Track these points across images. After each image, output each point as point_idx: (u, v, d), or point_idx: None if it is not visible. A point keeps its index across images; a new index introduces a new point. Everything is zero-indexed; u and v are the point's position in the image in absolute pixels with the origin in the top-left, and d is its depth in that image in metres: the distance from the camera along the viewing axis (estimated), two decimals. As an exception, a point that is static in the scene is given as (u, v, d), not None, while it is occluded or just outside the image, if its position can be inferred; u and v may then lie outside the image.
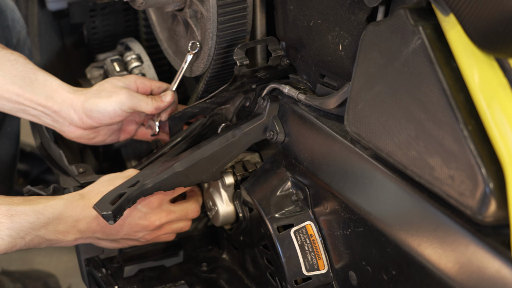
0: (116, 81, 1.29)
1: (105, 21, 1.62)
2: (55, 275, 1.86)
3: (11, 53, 1.25)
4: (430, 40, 0.86)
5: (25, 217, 1.14)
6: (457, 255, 0.84)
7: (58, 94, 1.25)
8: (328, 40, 1.08)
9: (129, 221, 1.23)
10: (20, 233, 1.13)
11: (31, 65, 1.26)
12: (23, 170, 2.05)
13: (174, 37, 1.36)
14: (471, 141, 0.81)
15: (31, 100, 1.24)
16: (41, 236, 1.15)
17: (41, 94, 1.24)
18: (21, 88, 1.23)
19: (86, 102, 1.25)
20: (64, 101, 1.25)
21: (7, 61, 1.24)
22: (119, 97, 1.25)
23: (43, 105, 1.25)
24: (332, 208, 1.08)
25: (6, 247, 1.13)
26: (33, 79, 1.24)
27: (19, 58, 1.25)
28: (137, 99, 1.26)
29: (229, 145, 1.20)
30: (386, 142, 0.93)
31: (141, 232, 1.25)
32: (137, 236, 1.25)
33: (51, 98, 1.25)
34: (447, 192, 0.84)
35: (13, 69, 1.24)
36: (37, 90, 1.24)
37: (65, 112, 1.26)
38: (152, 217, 1.24)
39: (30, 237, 1.14)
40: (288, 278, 1.13)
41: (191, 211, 1.30)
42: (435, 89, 0.84)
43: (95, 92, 1.26)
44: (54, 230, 1.16)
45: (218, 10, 1.15)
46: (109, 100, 1.25)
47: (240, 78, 1.19)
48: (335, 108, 1.08)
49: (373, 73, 0.94)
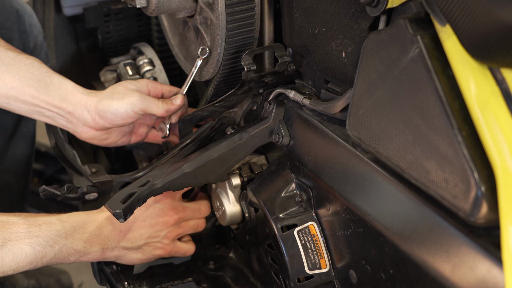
0: (129, 84, 1.33)
1: (119, 26, 1.66)
2: (68, 272, 1.91)
3: (26, 57, 1.30)
4: (427, 49, 0.89)
5: (52, 225, 1.18)
6: (450, 255, 0.87)
7: (72, 96, 1.29)
8: (332, 47, 1.12)
9: (149, 221, 1.27)
10: (49, 241, 1.16)
11: (46, 69, 1.30)
12: (38, 170, 2.10)
13: (185, 42, 1.40)
14: (465, 146, 0.84)
15: (46, 102, 1.28)
16: (68, 246, 1.18)
17: (56, 96, 1.28)
18: (36, 91, 1.27)
19: (99, 103, 1.29)
20: (78, 102, 1.29)
21: (23, 65, 1.28)
22: (131, 99, 1.29)
23: (57, 106, 1.29)
24: (334, 209, 1.11)
25: (37, 256, 1.15)
26: (48, 82, 1.29)
27: (34, 62, 1.30)
28: (148, 101, 1.30)
29: (236, 147, 1.24)
30: (385, 146, 0.97)
31: (163, 230, 1.29)
32: (160, 236, 1.29)
33: (65, 99, 1.29)
34: (442, 195, 0.88)
35: (29, 72, 1.28)
36: (52, 92, 1.28)
37: (78, 113, 1.30)
38: (169, 211, 1.29)
39: (58, 246, 1.17)
40: (291, 276, 1.17)
41: (203, 206, 1.36)
42: (432, 96, 0.88)
43: (108, 94, 1.31)
44: (80, 239, 1.20)
45: (227, 17, 1.19)
46: (121, 102, 1.29)
47: (247, 83, 1.23)
48: (338, 113, 1.12)
49: (373, 80, 0.98)
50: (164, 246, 1.31)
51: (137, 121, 1.39)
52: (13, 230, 1.14)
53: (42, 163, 2.09)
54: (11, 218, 1.16)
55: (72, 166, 1.38)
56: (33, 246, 1.15)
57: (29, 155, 1.58)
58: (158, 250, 1.31)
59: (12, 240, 1.13)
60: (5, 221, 1.15)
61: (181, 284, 1.32)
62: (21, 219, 1.17)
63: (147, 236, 1.28)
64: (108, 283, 1.36)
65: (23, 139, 1.54)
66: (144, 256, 1.30)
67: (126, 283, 1.31)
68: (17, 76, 1.27)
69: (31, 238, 1.15)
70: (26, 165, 1.59)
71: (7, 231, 1.14)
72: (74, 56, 1.70)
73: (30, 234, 1.15)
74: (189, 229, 1.34)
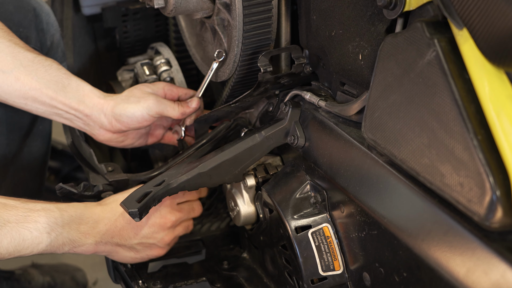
0: (145, 88, 1.34)
1: (137, 26, 1.67)
2: (83, 269, 1.92)
3: (45, 59, 1.31)
4: (444, 53, 0.89)
5: (50, 213, 1.18)
6: (465, 259, 0.87)
7: (89, 98, 1.31)
8: (348, 50, 1.12)
9: (146, 221, 1.27)
10: (46, 227, 1.16)
11: (64, 71, 1.32)
12: (54, 168, 2.11)
13: (202, 43, 1.41)
14: (480, 150, 0.84)
15: (64, 104, 1.30)
16: (64, 235, 1.19)
17: (74, 98, 1.30)
18: (54, 92, 1.29)
19: (115, 107, 1.30)
20: (95, 105, 1.31)
21: (41, 67, 1.29)
22: (147, 102, 1.30)
23: (75, 108, 1.31)
24: (348, 211, 1.12)
25: (33, 242, 1.16)
26: (66, 84, 1.30)
27: (53, 64, 1.31)
28: (164, 104, 1.31)
29: (251, 148, 1.24)
30: (400, 149, 0.97)
31: (159, 232, 1.29)
32: (157, 238, 1.29)
33: (83, 102, 1.30)
34: (456, 199, 0.88)
35: (47, 74, 1.29)
36: (70, 94, 1.30)
37: (95, 116, 1.31)
38: (167, 213, 1.29)
39: (55, 234, 1.17)
40: (305, 277, 1.17)
41: (196, 205, 1.36)
42: (448, 100, 0.88)
43: (125, 97, 1.32)
44: (76, 230, 1.20)
45: (244, 18, 1.20)
46: (137, 106, 1.30)
47: (263, 84, 1.24)
48: (354, 115, 1.12)
49: (390, 82, 0.98)
50: (160, 249, 1.31)
51: (154, 123, 1.39)
52: (12, 212, 1.15)
53: (59, 161, 2.11)
54: (10, 201, 1.17)
55: (89, 165, 1.40)
56: (31, 231, 1.15)
57: (45, 152, 1.59)
58: (153, 251, 1.31)
59: (11, 222, 1.14)
60: (5, 203, 1.16)
61: (195, 284, 1.33)
62: (20, 203, 1.17)
63: (141, 236, 1.27)
64: (123, 281, 1.37)
65: (39, 137, 1.56)
66: (137, 255, 1.30)
67: (140, 282, 1.32)
68: (36, 78, 1.28)
69: (30, 222, 1.15)
70: (41, 162, 1.60)
71: (6, 213, 1.14)
72: (92, 56, 1.71)
73: (29, 219, 1.15)
74: (182, 230, 1.34)
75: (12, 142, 1.51)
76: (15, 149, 1.53)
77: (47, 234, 1.17)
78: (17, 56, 1.28)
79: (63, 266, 1.90)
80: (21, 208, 1.16)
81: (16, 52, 1.29)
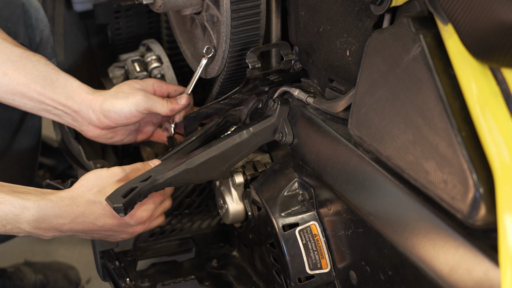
0: (134, 84, 1.33)
1: (129, 23, 1.66)
2: (76, 267, 1.91)
3: (33, 54, 1.31)
4: (429, 48, 0.88)
5: (11, 208, 1.15)
6: (448, 257, 0.86)
7: (77, 94, 1.30)
8: (336, 46, 1.11)
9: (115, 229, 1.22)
10: (2, 221, 1.15)
11: (52, 66, 1.31)
12: (49, 165, 2.10)
13: (193, 39, 1.40)
14: (464, 147, 0.83)
15: (52, 99, 1.29)
16: (21, 229, 1.17)
17: (62, 94, 1.29)
18: (42, 87, 1.28)
19: (104, 102, 1.29)
20: (83, 101, 1.30)
21: (29, 62, 1.29)
22: (135, 98, 1.29)
23: (63, 104, 1.30)
24: (335, 209, 1.10)
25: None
26: (54, 79, 1.29)
27: (41, 59, 1.30)
28: (152, 101, 1.30)
29: (239, 145, 1.23)
30: (386, 145, 0.96)
31: (125, 234, 1.24)
32: (118, 237, 1.25)
33: (71, 98, 1.30)
34: (440, 196, 0.87)
35: (35, 69, 1.28)
36: (58, 90, 1.29)
37: (84, 112, 1.30)
38: (138, 227, 1.24)
39: (10, 227, 1.16)
40: (292, 276, 1.16)
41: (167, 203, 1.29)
42: (432, 96, 0.87)
43: (113, 93, 1.31)
44: (35, 227, 1.17)
45: (232, 14, 1.19)
46: (125, 101, 1.29)
47: (252, 80, 1.23)
48: (341, 112, 1.11)
49: (376, 78, 0.97)
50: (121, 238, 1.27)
51: (143, 120, 1.38)
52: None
53: (54, 159, 2.10)
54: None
55: (77, 161, 1.39)
56: None
57: (34, 149, 1.59)
58: (112, 239, 1.27)
59: None
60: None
61: (183, 282, 1.32)
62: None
63: (105, 235, 1.24)
64: (111, 279, 1.36)
65: (29, 133, 1.55)
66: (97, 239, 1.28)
67: (128, 279, 1.32)
68: (23, 73, 1.27)
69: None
70: (31, 159, 1.59)
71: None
72: (84, 52, 1.70)
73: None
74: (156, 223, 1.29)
75: (1, 139, 1.50)
76: (5, 146, 1.52)
77: (2, 226, 1.15)
78: (5, 51, 1.27)
79: (56, 264, 1.89)
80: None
81: (3, 47, 1.28)
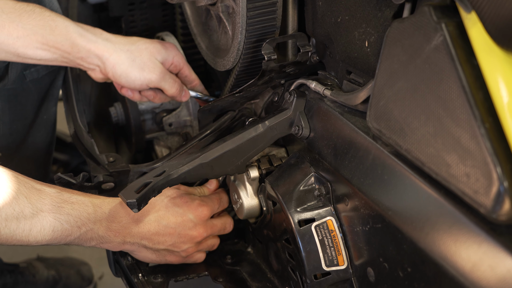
0: (156, 53, 1.29)
1: (143, 15, 1.64)
2: (89, 263, 1.90)
3: (26, 5, 1.25)
4: (452, 37, 0.85)
5: (84, 207, 1.15)
6: (470, 253, 0.83)
7: (83, 42, 1.25)
8: (355, 37, 1.08)
9: (179, 231, 1.24)
10: (78, 222, 1.14)
11: (48, 12, 1.26)
12: (63, 160, 2.09)
13: (207, 31, 1.38)
14: (488, 139, 0.80)
15: (56, 48, 1.24)
16: (94, 231, 1.16)
17: (65, 42, 1.24)
18: (43, 38, 1.23)
19: (117, 66, 1.25)
20: (90, 50, 1.25)
21: (24, 12, 1.23)
22: (150, 74, 1.26)
23: (68, 52, 1.25)
24: (353, 204, 1.08)
25: (63, 233, 1.13)
26: (53, 26, 1.24)
27: (35, 8, 1.25)
28: (165, 81, 1.29)
29: (255, 139, 1.20)
30: (405, 138, 0.93)
31: (187, 243, 1.26)
32: (181, 248, 1.26)
33: (75, 45, 1.25)
34: (462, 190, 0.84)
35: (31, 19, 1.23)
36: (59, 38, 1.24)
37: (91, 60, 1.26)
38: (201, 228, 1.26)
39: (85, 229, 1.15)
40: (308, 272, 1.14)
41: (228, 224, 1.33)
42: (455, 87, 0.84)
43: (130, 56, 1.26)
44: (107, 227, 1.17)
45: (248, 5, 1.16)
46: (140, 74, 1.26)
47: (268, 72, 1.20)
48: (359, 104, 1.08)
49: (396, 69, 0.94)
50: (180, 258, 1.29)
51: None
52: (46, 201, 1.12)
53: (68, 154, 2.09)
54: (46, 188, 1.14)
55: (90, 155, 1.37)
56: (62, 223, 1.12)
57: (49, 143, 1.57)
58: (172, 257, 1.28)
59: (44, 211, 1.11)
60: (40, 189, 1.13)
61: (196, 278, 1.30)
62: (56, 192, 1.14)
63: (170, 243, 1.25)
64: (124, 275, 1.34)
65: (44, 127, 1.53)
66: (157, 258, 1.28)
67: (140, 275, 1.29)
68: (20, 24, 1.22)
69: (62, 214, 1.13)
70: (46, 153, 1.57)
71: (41, 201, 1.11)
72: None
73: (62, 210, 1.13)
74: (206, 247, 1.32)
75: (16, 132, 1.49)
76: (19, 140, 1.51)
77: (77, 228, 1.14)
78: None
79: (68, 260, 1.88)
80: (55, 197, 1.13)
81: None
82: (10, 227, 1.08)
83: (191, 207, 1.25)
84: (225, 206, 1.34)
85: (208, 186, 1.34)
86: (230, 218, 1.35)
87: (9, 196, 1.08)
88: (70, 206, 1.14)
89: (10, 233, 1.09)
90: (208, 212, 1.27)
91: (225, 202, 1.33)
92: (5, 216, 1.07)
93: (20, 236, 1.10)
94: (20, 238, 1.10)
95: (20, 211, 1.09)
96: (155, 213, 1.22)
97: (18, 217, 1.08)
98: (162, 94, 1.36)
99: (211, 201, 1.30)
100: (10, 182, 1.09)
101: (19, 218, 1.08)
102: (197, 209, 1.26)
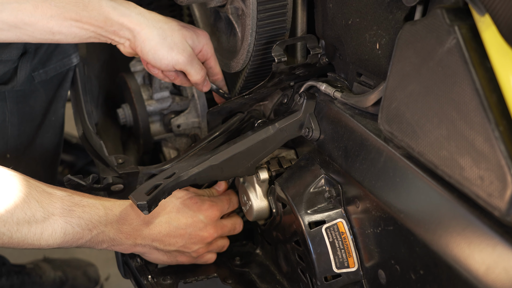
0: (188, 37, 1.26)
1: (151, 17, 1.64)
2: (95, 264, 1.90)
3: None
4: (465, 40, 0.85)
5: (95, 210, 1.16)
6: (484, 256, 0.83)
7: (115, 15, 1.22)
8: (365, 39, 1.08)
9: (190, 232, 1.25)
10: (89, 224, 1.14)
11: None
12: (68, 161, 2.09)
13: (216, 33, 1.38)
14: (502, 141, 0.80)
15: (91, 24, 1.21)
16: (105, 233, 1.17)
17: (99, 17, 1.21)
18: (77, 14, 1.20)
19: (147, 42, 1.23)
20: (123, 25, 1.22)
21: None
22: (179, 56, 1.24)
23: (101, 26, 1.22)
24: (364, 206, 1.08)
25: (74, 236, 1.14)
26: (86, 2, 1.21)
27: None
28: (191, 65, 1.26)
29: (265, 141, 1.21)
30: (418, 141, 0.93)
31: (198, 244, 1.27)
32: (192, 249, 1.27)
33: (109, 19, 1.21)
34: (476, 193, 0.84)
35: None
36: (93, 13, 1.21)
37: (122, 33, 1.23)
38: (211, 229, 1.27)
39: (96, 232, 1.15)
40: (318, 274, 1.14)
41: (238, 225, 1.34)
42: (468, 89, 0.84)
43: (162, 33, 1.23)
44: (118, 230, 1.18)
45: (258, 7, 1.16)
46: (169, 53, 1.24)
47: (278, 74, 1.20)
48: (370, 106, 1.08)
49: (408, 72, 0.94)
50: (191, 258, 1.29)
51: None
52: (57, 205, 1.12)
53: (73, 155, 2.09)
54: (57, 191, 1.14)
55: (99, 157, 1.37)
56: (73, 226, 1.13)
57: (57, 144, 1.57)
58: (183, 258, 1.29)
59: (55, 214, 1.11)
60: (51, 193, 1.13)
61: (205, 280, 1.30)
62: (67, 195, 1.15)
63: (181, 244, 1.25)
64: (133, 277, 1.34)
65: (52, 128, 1.53)
66: (168, 259, 1.28)
67: (150, 277, 1.30)
68: (53, 3, 1.19)
69: (73, 217, 1.13)
70: (54, 154, 1.57)
71: (52, 205, 1.11)
72: (106, 47, 1.67)
73: (73, 214, 1.13)
74: (216, 248, 1.32)
75: (24, 134, 1.49)
76: (27, 141, 1.51)
77: (88, 231, 1.15)
78: None
79: (75, 261, 1.88)
80: (66, 201, 1.14)
81: None
82: (21, 231, 1.08)
83: (202, 208, 1.26)
84: (235, 207, 1.34)
85: (216, 188, 1.34)
86: (240, 218, 1.35)
87: (21, 200, 1.08)
88: (81, 209, 1.15)
89: (21, 237, 1.09)
90: (218, 212, 1.28)
91: (234, 202, 1.34)
92: (16, 220, 1.08)
93: (32, 240, 1.10)
94: (32, 242, 1.10)
95: (32, 215, 1.09)
96: (165, 215, 1.23)
97: (30, 221, 1.08)
98: (183, 78, 1.32)
99: (221, 202, 1.30)
100: (21, 186, 1.09)
101: (30, 222, 1.08)
102: (207, 210, 1.26)
